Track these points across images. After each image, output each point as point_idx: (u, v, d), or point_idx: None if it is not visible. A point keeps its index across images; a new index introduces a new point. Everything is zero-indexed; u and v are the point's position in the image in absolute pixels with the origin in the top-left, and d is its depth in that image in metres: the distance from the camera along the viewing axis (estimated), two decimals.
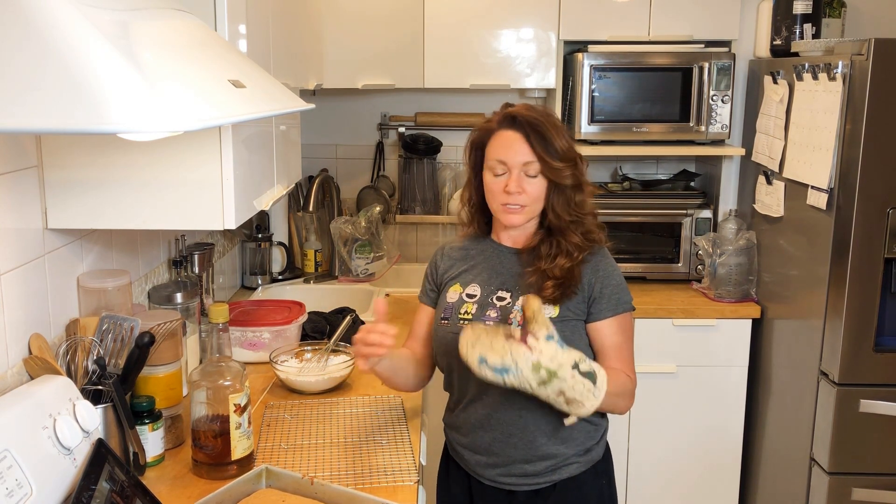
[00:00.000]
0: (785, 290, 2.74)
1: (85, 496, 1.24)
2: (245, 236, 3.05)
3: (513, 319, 1.66)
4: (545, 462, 1.68)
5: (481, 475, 1.73)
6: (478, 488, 1.75)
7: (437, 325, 1.76)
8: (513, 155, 1.65)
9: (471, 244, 1.83)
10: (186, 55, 1.20)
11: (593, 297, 1.67)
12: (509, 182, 1.65)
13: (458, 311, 1.73)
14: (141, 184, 1.58)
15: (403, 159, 3.41)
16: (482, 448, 1.71)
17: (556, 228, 1.69)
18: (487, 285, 1.74)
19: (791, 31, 2.80)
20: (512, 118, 1.67)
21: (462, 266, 1.80)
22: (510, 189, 1.65)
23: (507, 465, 1.69)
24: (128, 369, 1.57)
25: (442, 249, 1.87)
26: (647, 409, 2.93)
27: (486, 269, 1.76)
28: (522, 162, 1.65)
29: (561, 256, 1.66)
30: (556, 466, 1.68)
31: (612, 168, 3.44)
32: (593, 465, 1.73)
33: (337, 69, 3.04)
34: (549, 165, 1.64)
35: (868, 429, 2.39)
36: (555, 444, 1.67)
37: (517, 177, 1.65)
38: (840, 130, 2.33)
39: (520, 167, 1.65)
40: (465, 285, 1.76)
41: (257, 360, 2.23)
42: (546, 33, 2.98)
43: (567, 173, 1.66)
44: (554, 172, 1.65)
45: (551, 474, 1.69)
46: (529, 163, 1.65)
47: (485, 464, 1.72)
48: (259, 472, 1.53)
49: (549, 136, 1.65)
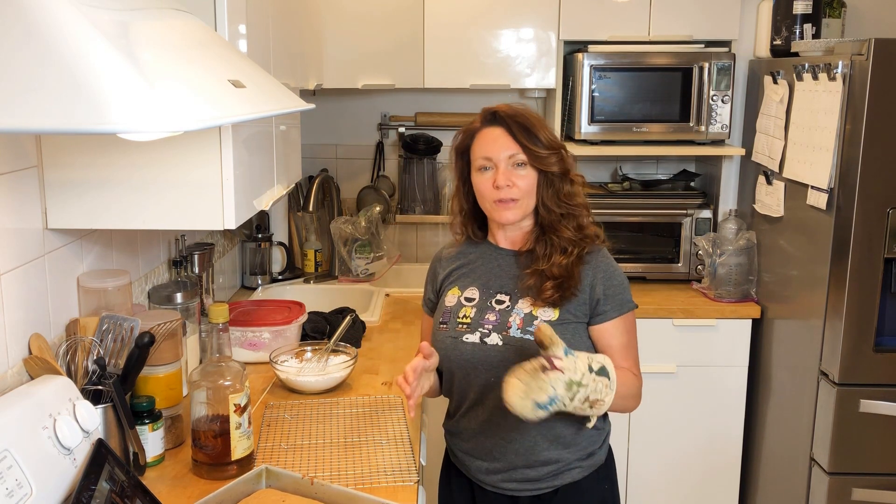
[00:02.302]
0: (785, 290, 2.74)
1: (85, 496, 1.24)
2: (245, 236, 3.05)
3: (512, 322, 1.65)
4: (547, 467, 1.67)
5: (483, 481, 1.72)
6: (480, 495, 1.74)
7: (436, 329, 1.75)
8: (498, 149, 1.66)
9: (469, 248, 1.82)
10: (186, 55, 1.20)
11: (596, 298, 1.66)
12: (497, 176, 1.65)
13: (457, 315, 1.72)
14: (141, 184, 1.58)
15: (403, 159, 3.41)
16: (483, 453, 1.70)
17: (548, 224, 1.69)
18: (486, 288, 1.73)
19: (791, 31, 2.80)
20: (492, 115, 1.68)
21: (461, 270, 1.79)
22: (499, 183, 1.65)
23: (509, 470, 1.68)
24: (128, 369, 1.57)
25: (440, 255, 1.87)
26: (648, 410, 2.93)
27: (484, 273, 1.75)
28: (508, 155, 1.65)
29: (556, 254, 1.65)
30: (557, 471, 1.68)
31: (612, 168, 3.44)
32: (595, 469, 1.72)
33: (337, 69, 3.04)
34: (533, 154, 1.64)
35: (868, 429, 2.39)
36: (556, 449, 1.66)
37: (505, 170, 1.65)
38: (840, 130, 2.33)
39: (506, 160, 1.65)
40: (464, 289, 1.75)
41: (257, 360, 2.23)
42: (546, 33, 2.98)
43: (553, 160, 1.66)
44: (539, 160, 1.65)
45: (553, 479, 1.68)
46: (515, 154, 1.65)
47: (486, 469, 1.71)
48: (259, 472, 1.53)
49: (531, 126, 1.66)
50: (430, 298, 1.86)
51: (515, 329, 1.65)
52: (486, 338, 1.67)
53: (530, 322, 1.64)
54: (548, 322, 1.63)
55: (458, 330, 1.70)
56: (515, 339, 1.64)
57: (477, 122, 1.71)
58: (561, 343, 1.46)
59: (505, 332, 1.65)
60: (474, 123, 1.72)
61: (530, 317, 1.65)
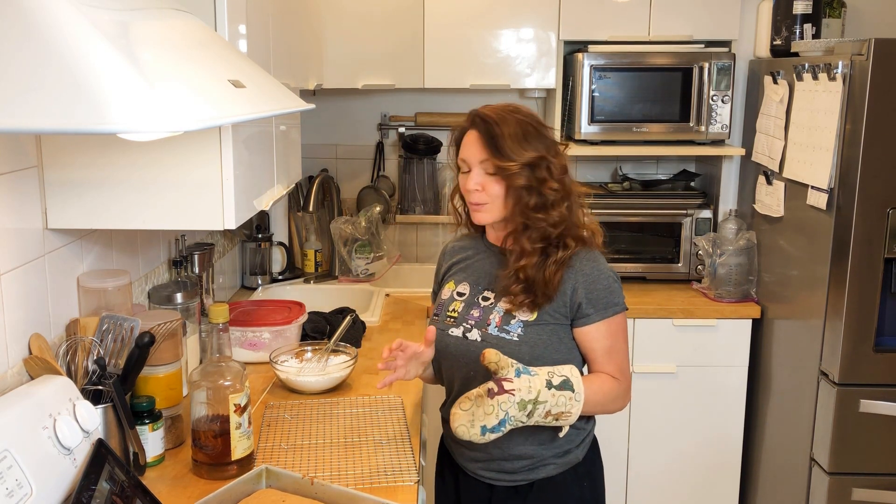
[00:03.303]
0: (785, 290, 2.74)
1: (85, 496, 1.24)
2: (245, 236, 3.05)
3: (492, 320, 1.68)
4: (521, 461, 1.70)
5: (466, 467, 1.78)
6: (463, 479, 1.79)
7: (431, 320, 1.81)
8: (471, 153, 1.66)
9: (469, 242, 1.84)
10: (186, 55, 1.20)
11: (577, 302, 1.65)
12: (468, 180, 1.66)
13: (447, 308, 1.77)
14: (141, 184, 1.58)
15: (403, 159, 3.41)
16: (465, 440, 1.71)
17: (512, 231, 1.68)
18: (476, 284, 1.76)
19: (791, 31, 2.80)
20: (473, 118, 1.68)
21: (459, 264, 1.82)
22: (468, 187, 1.66)
23: (487, 460, 1.72)
24: (128, 369, 1.57)
25: (446, 247, 1.91)
26: (647, 410, 2.93)
27: (477, 269, 1.78)
28: (479, 160, 1.65)
29: (524, 257, 1.65)
30: (532, 466, 1.70)
31: (612, 168, 3.44)
32: (572, 467, 1.73)
33: (337, 69, 3.04)
34: (497, 164, 1.62)
35: (868, 429, 2.39)
36: (530, 445, 1.68)
37: (476, 174, 1.65)
38: (840, 130, 2.33)
39: (478, 165, 1.65)
40: (458, 283, 1.79)
41: (257, 360, 2.23)
42: (546, 33, 2.98)
43: (517, 172, 1.61)
44: (502, 171, 1.62)
45: (528, 473, 1.71)
46: (484, 161, 1.64)
47: (468, 457, 1.76)
48: (259, 472, 1.53)
49: (499, 134, 1.61)
50: (435, 291, 1.90)
51: (493, 327, 1.68)
52: (468, 333, 1.70)
53: (508, 321, 1.67)
54: (525, 322, 1.65)
55: (446, 323, 1.75)
56: (493, 337, 1.67)
57: (466, 122, 1.71)
58: (510, 364, 1.50)
59: (484, 329, 1.68)
60: (465, 122, 1.72)
61: (508, 315, 1.67)
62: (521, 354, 1.61)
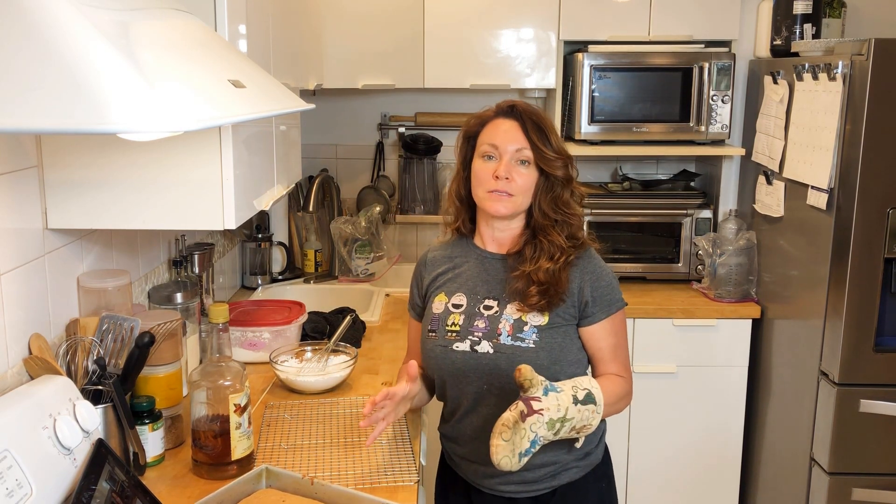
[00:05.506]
0: (785, 290, 2.74)
1: (85, 496, 1.24)
2: (245, 236, 3.05)
3: (502, 329, 1.64)
4: (544, 469, 1.66)
5: (481, 484, 1.71)
6: (478, 497, 1.73)
7: (425, 337, 1.73)
8: (506, 140, 1.65)
9: (455, 251, 1.79)
10: (186, 55, 1.20)
11: (584, 301, 1.65)
12: (499, 167, 1.64)
13: (445, 322, 1.70)
14: (141, 184, 1.58)
15: (403, 159, 3.41)
16: (480, 458, 1.68)
17: (540, 228, 1.67)
18: (473, 294, 1.71)
19: (791, 31, 2.80)
20: (511, 108, 1.68)
21: (446, 275, 1.76)
22: (499, 173, 1.63)
23: (506, 473, 1.66)
24: (128, 369, 1.57)
25: (425, 258, 1.84)
26: (647, 410, 2.93)
27: (471, 277, 1.73)
28: (515, 148, 1.64)
29: (544, 258, 1.63)
30: (555, 472, 1.67)
31: (612, 168, 3.44)
32: (593, 468, 1.72)
33: (337, 69, 3.04)
34: (542, 154, 1.63)
35: (868, 429, 2.39)
36: (553, 452, 1.64)
37: (507, 163, 1.64)
38: (840, 130, 2.33)
39: (511, 154, 1.64)
40: (451, 295, 1.73)
41: (257, 360, 2.23)
42: (546, 33, 2.98)
43: (559, 164, 1.65)
44: (546, 161, 1.64)
45: (551, 480, 1.68)
46: (522, 149, 1.64)
47: (483, 473, 1.69)
48: (259, 472, 1.53)
49: (545, 127, 1.66)
50: (416, 303, 1.84)
51: (506, 336, 1.63)
52: (476, 346, 1.65)
53: (520, 328, 1.63)
54: (539, 328, 1.62)
55: (448, 338, 1.68)
56: (507, 347, 1.63)
57: (491, 112, 1.71)
58: (541, 383, 1.46)
59: (495, 340, 1.64)
60: (488, 112, 1.71)
61: (520, 322, 1.64)
62: (538, 361, 1.59)
